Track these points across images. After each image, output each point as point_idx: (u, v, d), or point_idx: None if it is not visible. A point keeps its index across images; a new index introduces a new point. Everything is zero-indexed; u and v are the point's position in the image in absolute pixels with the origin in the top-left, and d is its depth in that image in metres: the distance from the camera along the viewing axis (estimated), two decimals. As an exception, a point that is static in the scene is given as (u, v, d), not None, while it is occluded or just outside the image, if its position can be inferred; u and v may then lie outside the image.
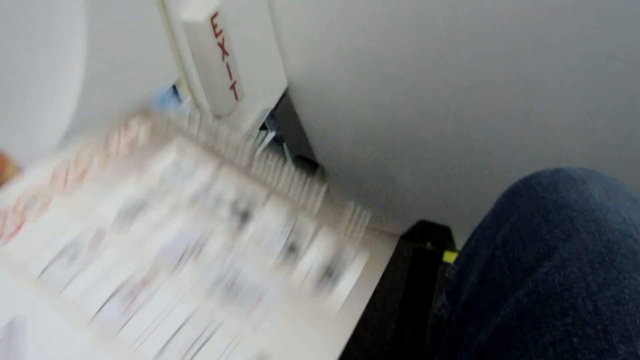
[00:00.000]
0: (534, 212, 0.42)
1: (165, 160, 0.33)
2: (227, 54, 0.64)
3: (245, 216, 0.31)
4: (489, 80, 0.76)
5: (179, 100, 0.39)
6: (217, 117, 0.68)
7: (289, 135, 0.90)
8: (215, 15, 0.60)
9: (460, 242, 1.14)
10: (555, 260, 0.38)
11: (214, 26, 0.61)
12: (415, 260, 1.14)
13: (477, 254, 0.48)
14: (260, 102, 0.81)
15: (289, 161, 0.33)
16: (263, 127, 0.78)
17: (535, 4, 0.64)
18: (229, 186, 0.32)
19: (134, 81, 0.53)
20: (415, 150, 0.96)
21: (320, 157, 1.09)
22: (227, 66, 0.65)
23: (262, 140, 0.76)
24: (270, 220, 0.31)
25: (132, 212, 0.30)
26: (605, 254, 0.36)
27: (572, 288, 0.36)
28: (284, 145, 0.85)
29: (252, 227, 0.30)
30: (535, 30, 0.67)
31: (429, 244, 1.17)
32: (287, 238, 0.30)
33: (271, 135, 0.77)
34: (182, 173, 0.32)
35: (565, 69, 0.70)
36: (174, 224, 0.29)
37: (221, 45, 0.63)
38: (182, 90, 0.61)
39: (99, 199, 0.30)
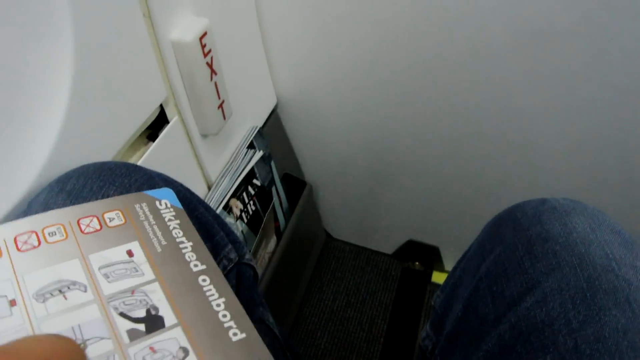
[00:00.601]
0: (518, 244, 0.42)
1: (111, 258, 0.34)
2: (215, 73, 0.64)
3: (141, 334, 0.31)
4: (478, 103, 0.77)
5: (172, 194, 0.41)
6: (205, 136, 0.68)
7: (277, 152, 0.90)
8: (204, 35, 0.60)
9: (448, 262, 1.14)
10: (538, 295, 0.37)
11: (203, 46, 0.60)
12: (403, 280, 1.14)
13: (462, 284, 0.48)
14: (248, 120, 0.81)
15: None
16: (251, 146, 0.78)
17: (526, 30, 0.65)
18: (145, 302, 0.32)
19: (122, 99, 0.52)
20: (403, 169, 0.96)
21: (308, 176, 1.09)
22: (216, 85, 0.65)
23: (250, 160, 0.75)
24: (161, 346, 0.30)
25: (54, 290, 0.31)
26: (586, 289, 0.36)
27: (553, 324, 0.35)
28: (272, 163, 0.85)
29: (138, 348, 0.30)
30: (525, 56, 0.68)
31: (417, 263, 1.16)
32: None
33: (259, 154, 0.77)
34: (115, 274, 0.33)
35: (555, 95, 0.71)
36: (76, 317, 0.30)
37: (210, 65, 0.63)
38: (170, 109, 0.61)
39: (36, 268, 0.32)
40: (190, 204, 0.45)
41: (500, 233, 0.45)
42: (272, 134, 0.90)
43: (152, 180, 0.42)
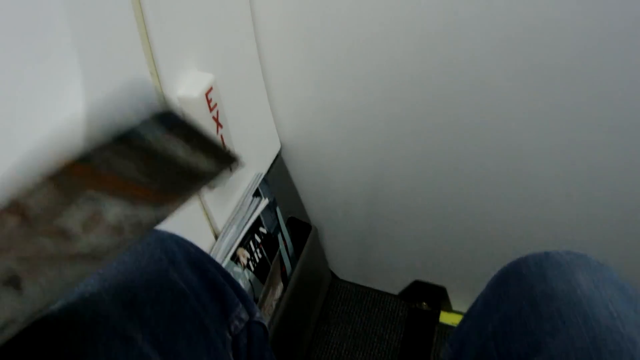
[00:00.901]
0: (523, 302, 0.42)
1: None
2: (221, 126, 0.65)
3: None
4: (482, 143, 0.77)
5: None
6: (211, 188, 0.69)
7: (281, 196, 0.90)
8: (210, 90, 0.61)
9: (456, 302, 1.13)
10: (544, 357, 0.37)
11: (209, 101, 0.62)
12: (410, 321, 1.13)
13: (469, 342, 0.48)
14: (253, 167, 0.82)
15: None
16: (256, 194, 0.79)
17: (528, 69, 0.65)
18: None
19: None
20: (407, 210, 0.97)
21: (313, 218, 1.09)
22: (222, 138, 0.66)
23: (256, 208, 0.76)
24: None
25: None
26: (591, 350, 0.36)
27: None
28: (277, 209, 0.85)
29: None
30: (528, 95, 0.68)
31: (424, 304, 1.16)
32: None
33: (264, 202, 0.77)
34: None
35: (560, 134, 0.70)
36: None
37: (215, 119, 0.64)
38: (176, 163, 0.62)
39: None
40: (202, 264, 0.46)
41: (505, 290, 0.45)
42: (276, 178, 0.91)
43: (163, 243, 0.43)
